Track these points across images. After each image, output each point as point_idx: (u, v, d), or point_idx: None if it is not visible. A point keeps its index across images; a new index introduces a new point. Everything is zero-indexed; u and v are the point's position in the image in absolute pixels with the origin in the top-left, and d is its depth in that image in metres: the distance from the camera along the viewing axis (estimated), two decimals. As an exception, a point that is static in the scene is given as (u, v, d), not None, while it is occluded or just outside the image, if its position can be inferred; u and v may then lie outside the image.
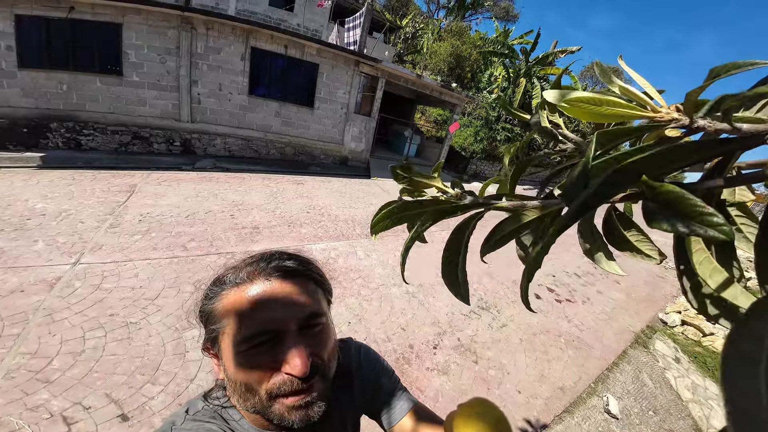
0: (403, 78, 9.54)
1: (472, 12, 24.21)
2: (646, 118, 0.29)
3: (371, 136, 10.01)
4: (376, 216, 0.40)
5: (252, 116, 8.29)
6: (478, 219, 0.39)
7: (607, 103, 0.30)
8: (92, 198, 4.52)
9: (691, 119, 0.27)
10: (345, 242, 4.61)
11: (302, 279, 0.50)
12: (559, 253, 5.94)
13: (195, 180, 6.12)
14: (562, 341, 3.38)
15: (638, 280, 5.60)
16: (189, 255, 3.51)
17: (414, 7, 25.92)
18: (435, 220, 0.38)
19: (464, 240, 0.39)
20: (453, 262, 0.40)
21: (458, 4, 20.71)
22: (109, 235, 3.62)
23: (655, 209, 0.22)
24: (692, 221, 0.20)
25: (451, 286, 0.41)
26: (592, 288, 4.87)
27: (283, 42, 7.89)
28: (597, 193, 0.25)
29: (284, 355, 0.43)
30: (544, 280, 4.69)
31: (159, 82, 7.15)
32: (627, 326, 3.98)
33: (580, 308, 4.18)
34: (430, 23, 18.29)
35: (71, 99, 6.61)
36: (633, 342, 3.66)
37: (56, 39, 6.20)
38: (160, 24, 6.78)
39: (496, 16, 28.16)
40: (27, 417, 1.70)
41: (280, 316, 0.45)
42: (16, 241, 3.18)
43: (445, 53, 15.23)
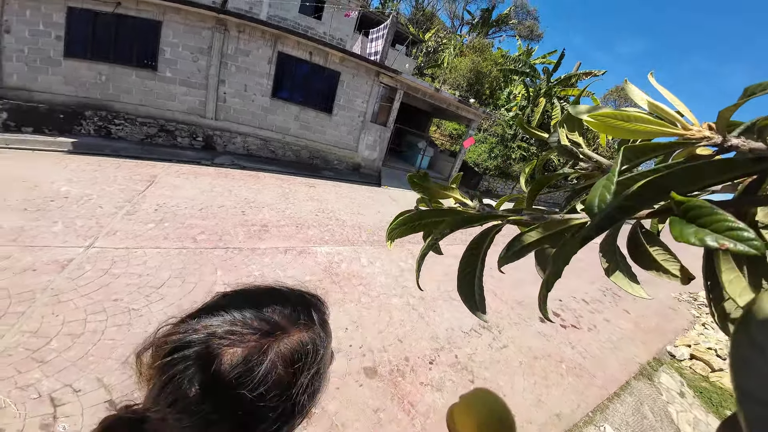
0: (421, 91, 9.66)
1: (496, 29, 24.48)
2: (677, 135, 0.29)
3: (385, 146, 10.12)
4: (393, 222, 0.40)
5: (272, 118, 8.54)
6: (497, 232, 0.38)
7: (635, 119, 0.30)
8: (114, 185, 4.72)
9: (723, 138, 0.26)
10: (350, 248, 4.63)
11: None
12: (569, 277, 5.76)
13: (212, 175, 6.31)
14: (563, 367, 3.25)
15: (648, 311, 5.37)
16: (198, 247, 3.60)
17: (438, 22, 26.41)
18: (453, 229, 0.37)
19: (482, 254, 0.38)
20: (470, 275, 0.39)
21: (483, 21, 20.99)
22: (124, 221, 3.76)
23: (682, 224, 0.22)
24: (722, 235, 0.19)
25: (467, 299, 0.40)
26: (599, 315, 4.70)
27: (308, 49, 8.16)
28: (622, 207, 0.24)
29: None
30: (551, 304, 4.55)
31: (189, 79, 7.50)
32: (633, 357, 3.81)
33: (585, 335, 4.03)
34: (453, 38, 18.57)
35: (108, 89, 7.02)
36: (637, 373, 3.50)
37: (101, 32, 6.65)
38: (197, 24, 7.17)
39: (519, 35, 28.33)
40: (15, 395, 1.72)
41: None
42: (37, 221, 3.34)
43: (465, 69, 15.37)
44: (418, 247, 2.63)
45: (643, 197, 0.24)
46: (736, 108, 0.26)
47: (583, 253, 1.61)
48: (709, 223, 0.20)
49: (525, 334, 3.61)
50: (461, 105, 10.44)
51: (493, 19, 21.62)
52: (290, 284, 0.47)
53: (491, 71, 15.55)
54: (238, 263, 3.47)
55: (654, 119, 0.29)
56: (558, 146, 0.49)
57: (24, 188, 4.01)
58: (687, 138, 0.28)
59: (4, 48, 6.24)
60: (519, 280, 4.93)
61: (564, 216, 0.35)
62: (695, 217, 0.21)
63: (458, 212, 0.38)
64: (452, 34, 22.55)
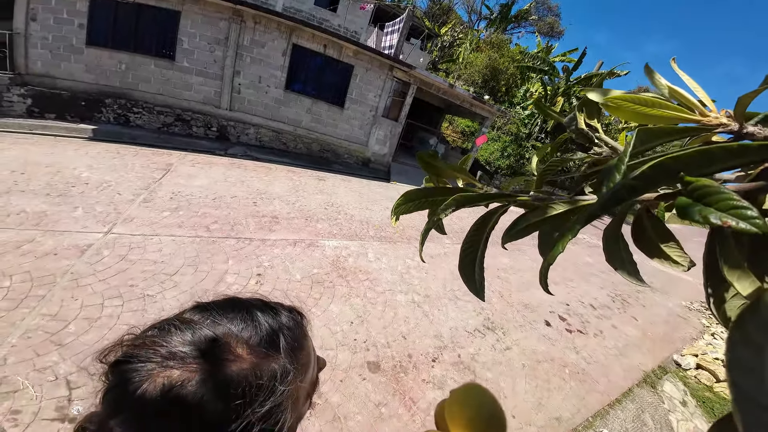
0: (435, 86, 9.54)
1: (514, 25, 23.84)
2: (694, 121, 0.29)
3: (396, 141, 10.07)
4: (399, 199, 0.39)
5: (285, 110, 8.59)
6: (502, 213, 0.38)
7: (653, 103, 0.30)
8: (132, 172, 4.86)
9: (740, 125, 0.26)
10: (357, 242, 4.67)
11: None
12: (578, 281, 5.70)
13: (226, 165, 6.42)
14: (566, 372, 3.24)
15: (657, 318, 5.26)
16: (211, 236, 3.69)
17: (455, 16, 25.85)
18: (458, 207, 0.37)
19: (485, 234, 0.38)
20: (472, 255, 0.39)
21: (501, 16, 20.46)
22: (141, 208, 3.88)
23: (688, 203, 0.22)
24: (725, 213, 0.20)
25: (468, 280, 0.40)
26: (606, 321, 4.63)
27: (323, 41, 8.14)
28: (630, 186, 0.24)
29: None
30: (557, 308, 4.52)
31: (205, 70, 7.61)
32: (637, 364, 3.76)
33: (591, 341, 3.99)
34: (470, 33, 18.17)
35: (127, 78, 7.18)
36: (641, 381, 3.46)
37: (122, 21, 6.79)
38: (214, 15, 7.23)
39: (539, 31, 27.51)
40: (33, 377, 1.79)
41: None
42: (59, 206, 3.48)
43: (481, 65, 15.07)
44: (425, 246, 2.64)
45: (651, 178, 0.23)
46: (756, 94, 0.26)
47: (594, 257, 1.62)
48: (715, 201, 0.21)
49: (530, 337, 3.60)
50: (475, 102, 10.27)
51: (512, 14, 21.02)
52: (271, 300, 0.44)
53: (508, 68, 15.20)
54: (248, 253, 3.55)
55: (672, 104, 0.29)
56: (575, 129, 0.49)
57: (47, 173, 4.17)
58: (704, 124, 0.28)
59: (30, 35, 6.42)
60: (526, 282, 4.90)
61: (572, 197, 0.35)
62: (702, 196, 0.21)
63: (464, 190, 0.38)
64: (469, 29, 22.07)
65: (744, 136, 0.26)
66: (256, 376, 0.33)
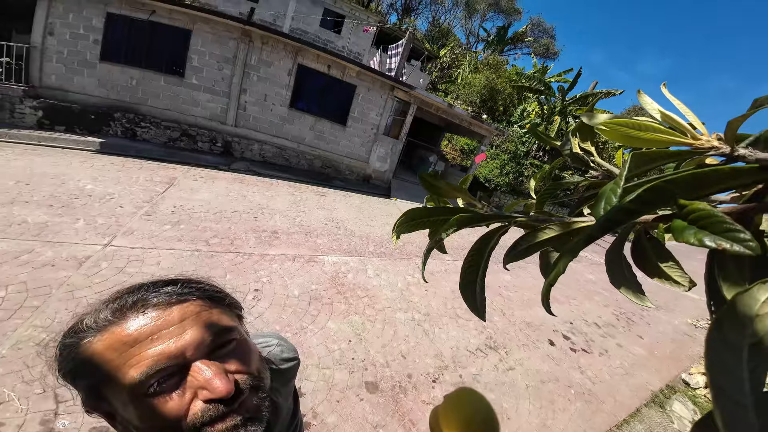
0: (434, 106, 9.79)
1: (511, 47, 24.78)
2: (686, 145, 0.29)
3: (396, 158, 10.22)
4: (400, 218, 0.40)
5: (289, 127, 8.79)
6: (503, 233, 0.38)
7: (646, 127, 0.30)
8: (135, 185, 4.91)
9: (732, 148, 0.27)
10: (357, 258, 4.64)
11: (193, 300, 0.44)
12: (580, 300, 5.61)
13: (228, 180, 6.49)
14: (571, 392, 3.13)
15: (663, 337, 5.14)
16: (210, 250, 3.68)
17: (454, 38, 26.95)
18: (458, 228, 0.37)
19: (486, 253, 0.38)
20: (473, 274, 0.39)
21: (498, 38, 21.29)
22: (142, 221, 3.89)
23: (684, 226, 0.22)
24: (718, 236, 0.20)
25: (469, 300, 0.40)
26: (611, 340, 4.52)
27: (327, 62, 8.44)
28: (627, 209, 0.24)
29: (198, 382, 0.38)
30: (561, 327, 4.42)
31: (213, 87, 7.85)
32: (645, 383, 3.64)
33: (596, 360, 3.88)
34: (468, 55, 18.86)
35: (137, 93, 7.40)
36: (649, 400, 3.34)
37: (136, 38, 7.05)
38: (224, 34, 7.54)
39: (535, 53, 28.61)
40: (20, 389, 1.73)
41: (179, 344, 0.39)
42: (61, 218, 3.50)
43: (479, 85, 15.54)
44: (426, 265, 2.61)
45: (647, 201, 0.24)
46: (744, 119, 0.27)
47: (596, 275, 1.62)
48: (709, 224, 0.21)
49: (533, 357, 3.50)
50: (474, 121, 10.50)
51: (508, 36, 21.91)
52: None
53: (505, 88, 15.66)
54: (247, 268, 3.53)
55: (665, 128, 0.30)
56: (570, 154, 0.50)
57: (51, 185, 4.22)
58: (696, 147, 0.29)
59: (47, 49, 6.67)
60: (528, 300, 4.83)
61: (571, 219, 0.35)
62: (696, 219, 0.22)
63: (465, 211, 0.38)
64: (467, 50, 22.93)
65: (736, 158, 0.26)
66: (211, 284, 0.50)
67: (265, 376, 0.46)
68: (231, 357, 0.43)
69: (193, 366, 0.39)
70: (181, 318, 0.41)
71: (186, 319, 0.41)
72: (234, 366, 0.42)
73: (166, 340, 0.39)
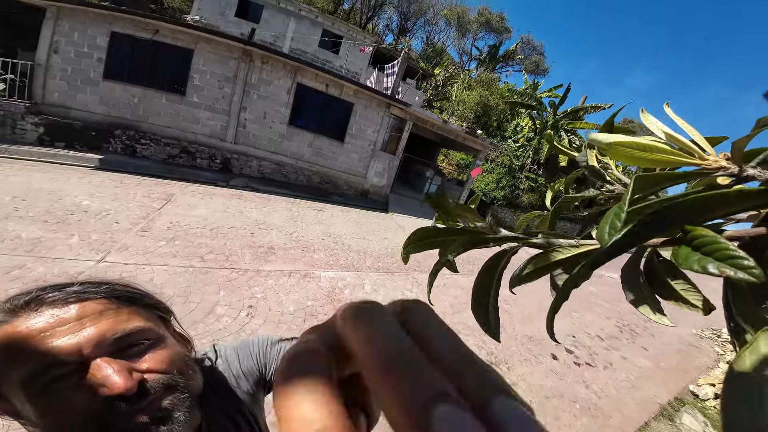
0: (429, 122, 10.01)
1: (503, 64, 25.73)
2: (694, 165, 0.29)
3: (393, 173, 10.34)
4: (409, 238, 0.40)
5: (288, 144, 8.92)
6: (513, 254, 0.38)
7: (652, 148, 0.30)
8: (132, 201, 4.90)
9: (740, 168, 0.26)
10: (354, 273, 4.59)
11: (96, 299, 0.43)
12: (582, 312, 5.53)
13: (226, 196, 6.50)
14: (577, 407, 3.02)
15: (669, 348, 5.03)
16: (204, 266, 3.63)
17: (447, 57, 27.98)
18: (466, 248, 0.37)
19: (497, 275, 0.38)
20: (485, 295, 0.38)
21: (490, 56, 22.11)
22: (137, 237, 3.85)
23: (688, 252, 0.22)
24: (723, 263, 0.20)
25: (482, 320, 0.39)
26: (615, 353, 4.42)
27: (325, 81, 8.68)
28: (632, 234, 0.24)
29: (97, 380, 0.36)
30: (563, 341, 4.33)
31: (214, 105, 8.02)
32: (652, 396, 3.53)
33: (601, 374, 3.77)
34: (461, 73, 19.49)
35: (138, 111, 7.52)
36: (657, 414, 3.24)
37: (139, 57, 7.24)
38: (225, 54, 7.77)
39: (526, 69, 29.64)
40: None
41: (73, 342, 0.37)
42: (55, 233, 3.46)
43: (473, 102, 15.98)
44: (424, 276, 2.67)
45: (652, 226, 0.23)
46: (749, 139, 0.26)
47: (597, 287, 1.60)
48: (712, 251, 0.21)
49: (536, 372, 3.41)
50: (468, 136, 10.72)
51: (500, 54, 22.80)
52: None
53: (498, 104, 16.10)
54: (241, 284, 3.47)
55: (671, 149, 0.30)
56: (587, 166, 0.49)
57: (48, 200, 4.21)
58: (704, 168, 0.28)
59: (51, 66, 6.83)
60: (529, 314, 4.75)
61: (578, 241, 0.34)
62: (699, 246, 0.22)
63: (474, 232, 0.38)
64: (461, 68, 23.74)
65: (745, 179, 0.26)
66: (125, 285, 0.49)
67: (189, 376, 0.45)
68: (142, 356, 0.42)
69: (92, 364, 0.38)
70: (80, 316, 0.40)
71: (85, 318, 0.40)
72: (145, 365, 0.41)
73: (61, 337, 0.38)
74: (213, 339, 2.54)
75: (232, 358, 0.66)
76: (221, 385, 0.60)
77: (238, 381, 0.63)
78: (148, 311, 0.49)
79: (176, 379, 0.43)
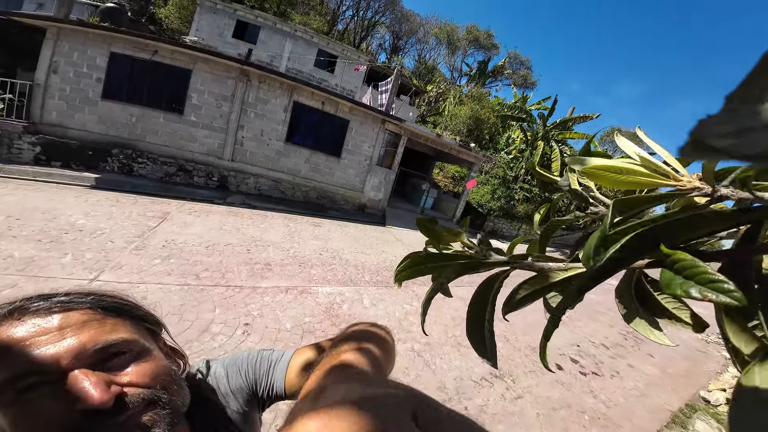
0: (424, 137, 10.21)
1: (492, 79, 26.57)
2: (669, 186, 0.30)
3: (390, 187, 10.42)
4: (401, 264, 0.40)
5: (285, 161, 9.00)
6: (505, 277, 0.38)
7: (627, 171, 0.31)
8: (128, 220, 4.86)
9: (713, 188, 0.27)
10: (352, 288, 4.53)
11: (81, 310, 0.42)
12: (585, 321, 5.47)
13: (223, 213, 6.48)
14: (585, 418, 2.93)
15: (675, 354, 4.96)
16: (199, 284, 3.57)
17: (439, 74, 28.89)
18: (459, 274, 0.37)
19: (490, 298, 0.37)
20: (479, 321, 0.38)
21: (480, 72, 22.87)
22: (132, 256, 3.80)
23: (671, 276, 0.22)
24: (704, 287, 0.20)
25: (478, 347, 0.38)
26: (621, 361, 4.34)
27: (321, 99, 8.88)
28: (614, 259, 0.24)
29: (74, 392, 0.35)
30: (567, 350, 4.25)
31: (211, 124, 8.12)
32: (663, 404, 3.45)
33: (608, 383, 3.69)
34: (453, 89, 20.08)
35: (136, 130, 7.58)
36: (669, 421, 3.16)
37: (137, 77, 7.35)
38: (222, 74, 7.94)
39: (514, 84, 30.63)
40: None
41: (52, 351, 0.37)
42: (48, 252, 3.41)
43: (465, 116, 16.37)
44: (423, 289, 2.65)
45: (634, 249, 0.24)
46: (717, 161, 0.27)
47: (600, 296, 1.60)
48: (693, 275, 0.21)
49: (541, 383, 3.32)
50: (462, 149, 10.91)
51: (489, 70, 23.59)
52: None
53: (489, 118, 16.50)
54: (237, 302, 3.40)
55: (647, 171, 0.31)
56: (569, 190, 0.50)
57: (42, 219, 4.16)
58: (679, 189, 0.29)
59: (49, 86, 6.90)
60: (531, 323, 4.68)
61: (567, 265, 0.35)
62: (681, 269, 0.22)
63: (465, 257, 0.38)
64: (452, 84, 24.47)
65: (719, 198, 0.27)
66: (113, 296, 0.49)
67: (173, 391, 0.44)
68: (123, 369, 0.41)
69: (70, 375, 0.37)
70: (61, 326, 0.39)
71: (67, 328, 0.39)
72: (126, 378, 0.40)
73: (40, 346, 0.37)
74: (208, 358, 2.46)
75: (221, 375, 0.64)
76: (211, 402, 0.58)
77: (227, 399, 0.61)
78: (136, 323, 0.48)
79: (158, 394, 0.41)
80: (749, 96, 0.09)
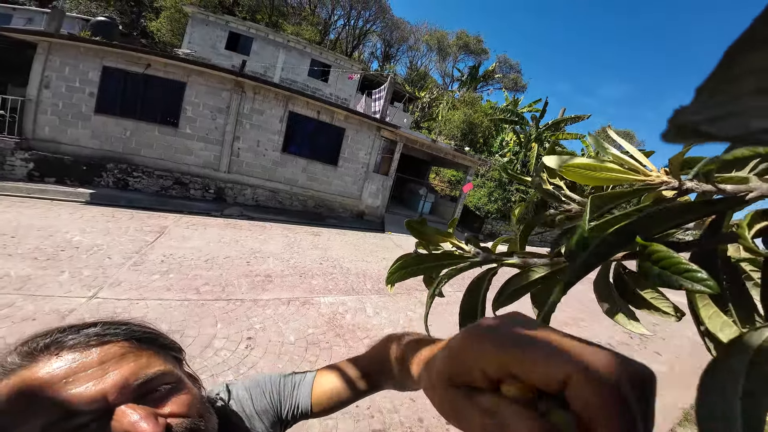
0: (419, 142, 10.30)
1: (483, 84, 26.95)
2: (639, 181, 0.31)
3: (387, 193, 10.46)
4: (392, 267, 0.41)
5: (282, 171, 9.00)
6: (493, 275, 0.39)
7: (601, 168, 0.33)
8: (125, 236, 4.81)
9: (679, 182, 0.29)
10: (354, 297, 4.51)
11: (117, 342, 0.42)
12: (589, 320, 5.48)
13: (221, 226, 6.43)
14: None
15: (682, 351, 4.98)
16: (200, 299, 3.53)
17: (431, 80, 29.24)
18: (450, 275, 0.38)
19: (480, 296, 0.39)
20: (472, 317, 0.39)
21: (471, 77, 23.19)
22: (130, 272, 3.75)
23: (649, 266, 0.24)
24: (680, 277, 0.21)
25: None
26: (626, 364, 4.36)
27: (316, 108, 8.93)
28: (595, 254, 0.26)
29: (123, 426, 0.35)
30: (570, 354, 4.26)
31: (207, 136, 8.10)
32: (674, 402, 3.44)
33: (615, 388, 3.70)
34: (445, 94, 20.33)
35: (130, 144, 7.53)
36: (682, 419, 3.16)
37: (131, 91, 7.32)
38: (217, 85, 7.95)
39: (505, 87, 31.11)
40: None
41: (98, 388, 0.36)
42: (45, 270, 3.35)
43: (459, 120, 16.56)
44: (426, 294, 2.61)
45: (613, 243, 0.25)
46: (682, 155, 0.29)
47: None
48: (669, 265, 0.22)
49: (546, 390, 3.32)
50: (457, 153, 11.02)
51: (480, 74, 23.94)
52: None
53: (482, 122, 16.71)
54: (239, 315, 3.37)
55: (618, 167, 0.32)
56: (541, 190, 0.51)
57: (38, 237, 4.10)
58: (648, 183, 0.31)
59: (41, 102, 6.84)
60: (533, 327, 4.69)
61: (552, 260, 0.36)
62: (657, 260, 0.23)
63: (455, 257, 0.39)
64: (444, 90, 24.77)
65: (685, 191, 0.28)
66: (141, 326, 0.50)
67: (207, 418, 0.45)
68: (164, 401, 0.41)
69: (117, 410, 0.36)
70: (102, 360, 0.39)
71: (108, 362, 0.39)
72: (168, 409, 0.40)
73: (84, 383, 0.36)
74: (212, 374, 2.43)
75: (245, 397, 0.65)
76: (237, 426, 0.59)
77: (251, 421, 0.62)
78: (165, 352, 0.49)
79: (197, 423, 0.42)
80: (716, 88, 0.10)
